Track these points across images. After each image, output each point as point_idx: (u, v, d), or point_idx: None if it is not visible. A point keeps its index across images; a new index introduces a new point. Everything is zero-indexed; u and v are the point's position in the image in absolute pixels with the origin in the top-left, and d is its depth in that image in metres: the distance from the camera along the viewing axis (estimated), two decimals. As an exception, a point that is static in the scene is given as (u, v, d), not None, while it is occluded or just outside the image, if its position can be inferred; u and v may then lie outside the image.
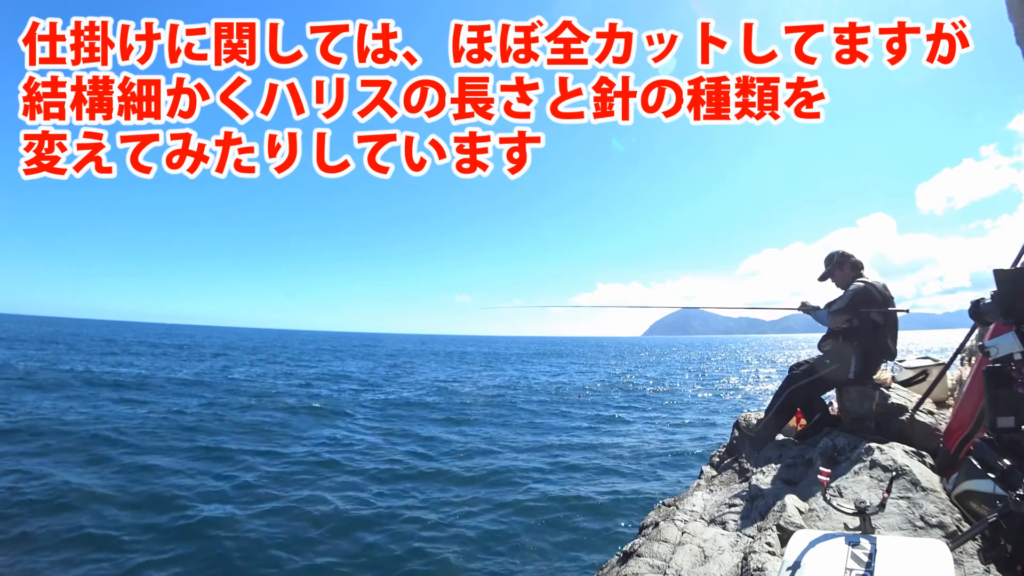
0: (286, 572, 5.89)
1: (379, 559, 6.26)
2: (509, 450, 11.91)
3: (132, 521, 6.84)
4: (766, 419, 4.23)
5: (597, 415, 17.41)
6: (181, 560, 5.96)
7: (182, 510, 7.30)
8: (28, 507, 7.02)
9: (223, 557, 6.09)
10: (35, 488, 7.68)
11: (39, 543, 6.10)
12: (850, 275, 4.06)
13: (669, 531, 3.20)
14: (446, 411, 17.47)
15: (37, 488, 7.69)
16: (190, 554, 6.11)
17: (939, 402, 4.44)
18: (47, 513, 6.88)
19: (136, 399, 16.53)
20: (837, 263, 4.13)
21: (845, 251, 4.11)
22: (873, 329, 3.87)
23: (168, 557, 5.98)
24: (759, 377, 36.10)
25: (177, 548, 6.19)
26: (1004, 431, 2.02)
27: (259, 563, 6.01)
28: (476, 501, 8.19)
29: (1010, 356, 2.03)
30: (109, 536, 6.38)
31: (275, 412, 15.77)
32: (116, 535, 6.40)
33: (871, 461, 3.04)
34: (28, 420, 11.89)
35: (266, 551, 6.25)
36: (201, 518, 7.02)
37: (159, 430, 12.11)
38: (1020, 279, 2.07)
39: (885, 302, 3.88)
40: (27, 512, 6.87)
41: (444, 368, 39.36)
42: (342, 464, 10.16)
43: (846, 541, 1.51)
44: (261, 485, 8.61)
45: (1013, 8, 4.18)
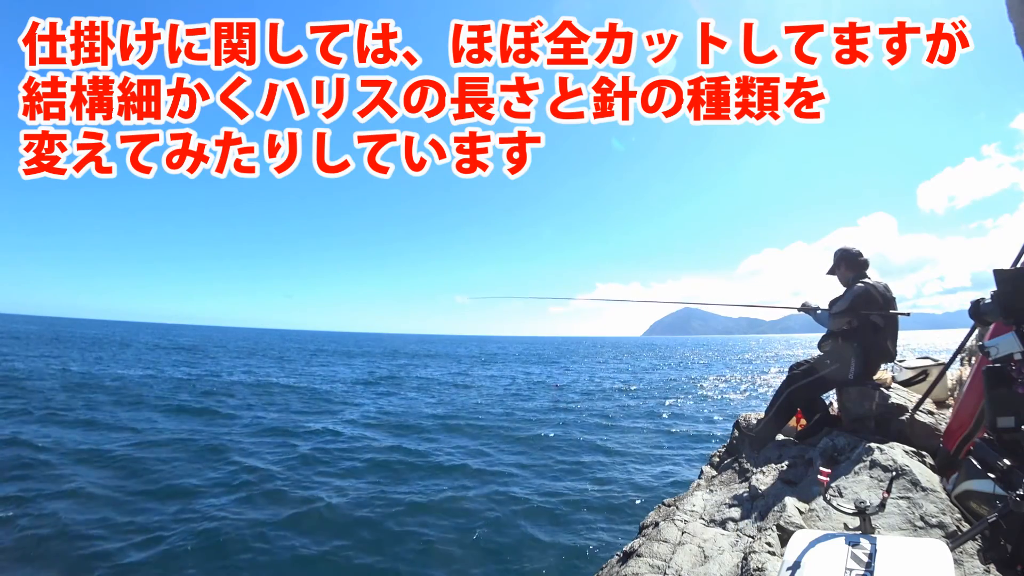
0: (284, 570, 5.90)
1: (378, 558, 6.26)
2: (509, 450, 11.90)
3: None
4: (766, 419, 4.23)
5: (597, 414, 17.40)
6: (173, 553, 5.97)
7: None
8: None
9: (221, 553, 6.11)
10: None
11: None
12: (851, 274, 4.05)
13: (669, 531, 3.20)
14: (445, 411, 17.47)
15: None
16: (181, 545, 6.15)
17: (939, 402, 4.44)
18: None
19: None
20: (838, 260, 4.13)
21: (849, 248, 4.10)
22: (873, 331, 3.87)
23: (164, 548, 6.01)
24: (759, 377, 36.10)
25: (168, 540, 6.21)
26: (1004, 431, 2.02)
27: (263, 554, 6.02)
28: (475, 501, 8.18)
29: (1010, 356, 2.03)
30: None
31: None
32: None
33: (871, 461, 3.04)
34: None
35: (272, 544, 6.27)
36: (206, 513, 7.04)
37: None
38: (1020, 279, 2.07)
39: (887, 304, 3.87)
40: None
41: (444, 368, 39.36)
42: (338, 462, 10.17)
43: (846, 541, 1.51)
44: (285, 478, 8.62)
45: (1013, 8, 4.18)
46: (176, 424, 13.27)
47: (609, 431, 14.43)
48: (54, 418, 12.95)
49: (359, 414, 16.32)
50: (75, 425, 12.40)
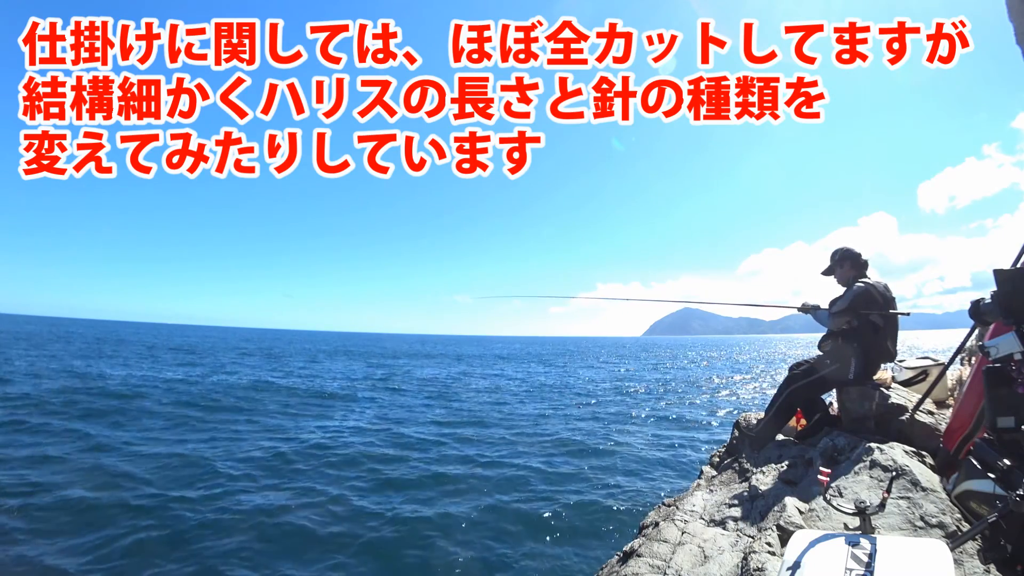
0: (284, 565, 5.90)
1: (377, 557, 6.26)
2: (508, 449, 11.90)
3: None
4: (766, 419, 4.23)
5: (597, 415, 17.40)
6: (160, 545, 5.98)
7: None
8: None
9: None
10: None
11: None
12: (851, 274, 4.03)
13: (669, 531, 3.20)
14: (444, 410, 17.47)
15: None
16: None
17: (939, 402, 4.44)
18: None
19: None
20: (840, 260, 4.11)
21: (851, 248, 4.08)
22: (873, 331, 3.86)
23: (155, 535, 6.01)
24: (759, 377, 36.10)
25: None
26: (1004, 431, 2.02)
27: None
28: (474, 500, 8.18)
29: (1010, 356, 2.04)
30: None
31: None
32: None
33: (871, 461, 3.04)
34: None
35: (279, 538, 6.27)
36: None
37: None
38: (1020, 279, 2.07)
39: (886, 303, 3.86)
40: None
41: (443, 368, 39.36)
42: (338, 460, 10.18)
43: (846, 541, 1.51)
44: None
45: (1013, 8, 4.18)
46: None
47: (609, 431, 14.43)
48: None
49: (356, 416, 16.32)
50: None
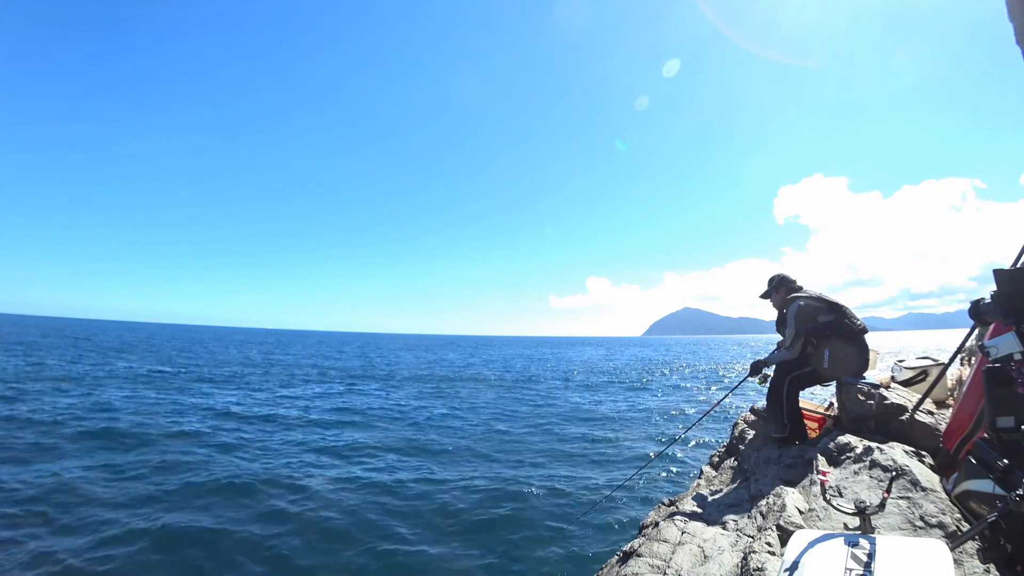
0: (282, 561, 5.90)
1: (376, 556, 6.26)
2: (508, 449, 11.91)
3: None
4: (765, 417, 4.25)
5: (597, 415, 17.41)
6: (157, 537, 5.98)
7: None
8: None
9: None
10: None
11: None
12: (785, 295, 4.28)
13: (669, 531, 3.19)
14: (444, 409, 17.47)
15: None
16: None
17: (939, 402, 4.44)
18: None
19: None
20: (776, 285, 4.38)
21: (785, 275, 4.39)
22: (831, 331, 3.99)
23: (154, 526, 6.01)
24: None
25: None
26: (1004, 431, 2.02)
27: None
28: (473, 500, 8.18)
29: (1010, 356, 2.04)
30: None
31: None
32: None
33: (871, 461, 3.04)
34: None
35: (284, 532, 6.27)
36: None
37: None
38: (1020, 279, 2.07)
39: (830, 306, 4.02)
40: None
41: (443, 368, 39.35)
42: (337, 460, 10.18)
43: (846, 541, 1.51)
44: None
45: (1013, 8, 4.17)
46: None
47: (608, 431, 14.44)
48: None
49: (361, 412, 16.33)
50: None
